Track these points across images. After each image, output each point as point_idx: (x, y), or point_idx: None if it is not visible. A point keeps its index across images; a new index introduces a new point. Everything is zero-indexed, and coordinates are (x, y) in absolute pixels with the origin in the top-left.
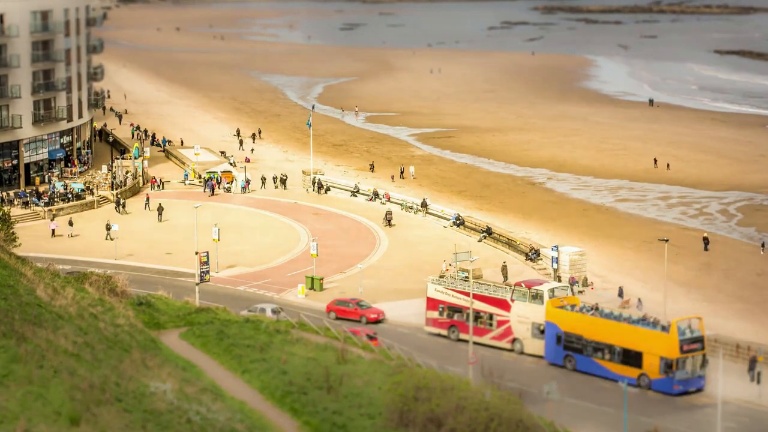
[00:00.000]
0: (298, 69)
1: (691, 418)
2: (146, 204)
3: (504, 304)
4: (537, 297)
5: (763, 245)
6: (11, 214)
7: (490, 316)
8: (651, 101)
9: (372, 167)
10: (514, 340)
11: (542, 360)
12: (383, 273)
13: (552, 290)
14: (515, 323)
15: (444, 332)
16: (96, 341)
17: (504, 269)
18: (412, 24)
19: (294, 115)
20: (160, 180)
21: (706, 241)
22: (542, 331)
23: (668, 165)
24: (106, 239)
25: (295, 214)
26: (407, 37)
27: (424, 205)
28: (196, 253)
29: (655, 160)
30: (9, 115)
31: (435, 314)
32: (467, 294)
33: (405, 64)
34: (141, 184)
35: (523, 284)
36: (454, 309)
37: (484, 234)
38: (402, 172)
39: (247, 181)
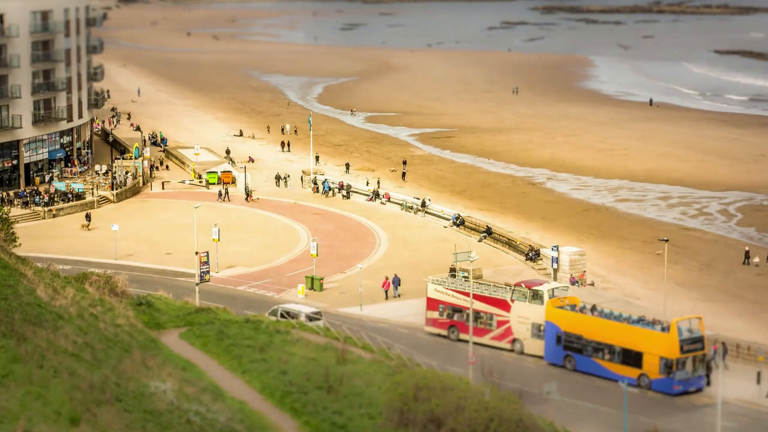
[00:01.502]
0: (298, 69)
1: (691, 418)
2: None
3: (504, 305)
4: (537, 297)
5: (746, 257)
6: (11, 214)
7: (491, 317)
8: (651, 101)
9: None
10: (514, 341)
11: (542, 360)
12: (383, 273)
13: (552, 290)
14: (515, 323)
15: (444, 332)
16: (96, 341)
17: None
18: (412, 24)
19: (294, 115)
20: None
21: (747, 255)
22: (542, 332)
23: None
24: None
25: (295, 214)
26: (407, 37)
27: (423, 204)
28: (196, 253)
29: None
30: (9, 115)
31: (435, 314)
32: (467, 294)
33: (405, 64)
34: (141, 185)
35: (523, 284)
36: (454, 309)
37: (484, 234)
38: (283, 129)
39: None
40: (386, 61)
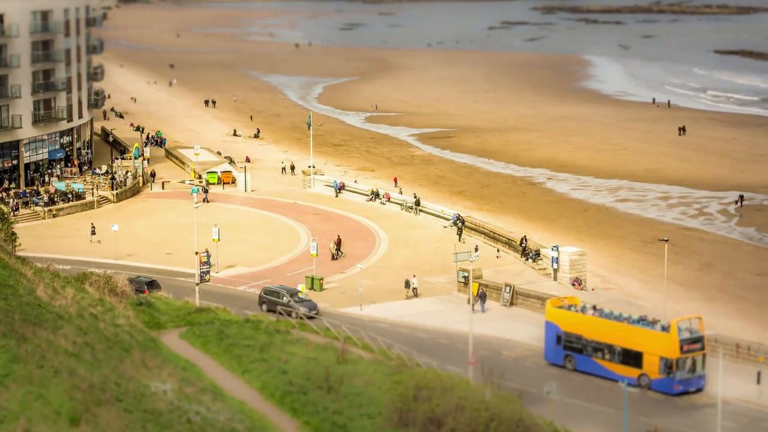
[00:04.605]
0: (298, 69)
1: (691, 418)
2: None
3: None
4: None
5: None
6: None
7: None
8: (654, 101)
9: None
10: None
11: (542, 360)
12: (383, 273)
13: None
14: None
15: None
16: (96, 341)
17: None
18: (412, 24)
19: (294, 115)
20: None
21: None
22: None
23: None
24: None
25: (295, 214)
26: (407, 37)
27: (417, 203)
28: (196, 253)
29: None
30: (9, 115)
31: None
32: None
33: (405, 64)
34: (141, 184)
35: None
36: None
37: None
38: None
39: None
40: (386, 61)
